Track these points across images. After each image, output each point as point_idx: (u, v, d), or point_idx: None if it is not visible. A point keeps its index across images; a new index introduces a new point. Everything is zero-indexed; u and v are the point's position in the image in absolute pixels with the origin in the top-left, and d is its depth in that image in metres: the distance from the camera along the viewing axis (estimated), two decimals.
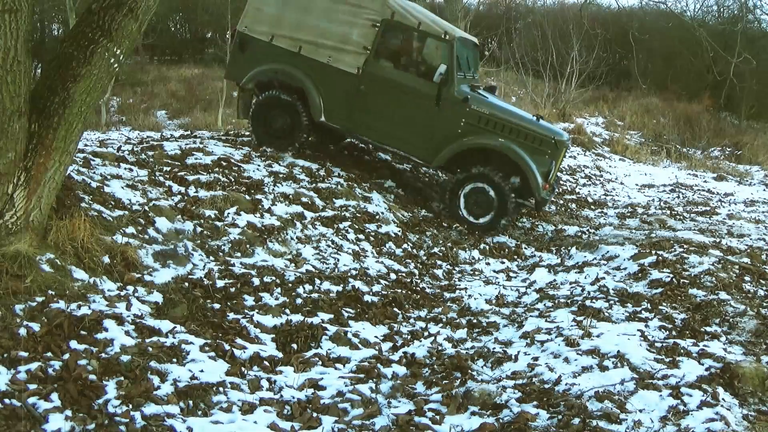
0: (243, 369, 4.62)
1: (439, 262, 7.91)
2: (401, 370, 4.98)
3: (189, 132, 11.88)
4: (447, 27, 9.35)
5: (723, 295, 6.45)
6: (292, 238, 6.99)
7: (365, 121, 9.38)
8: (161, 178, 7.12)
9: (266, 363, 4.80)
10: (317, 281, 6.15)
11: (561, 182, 14.38)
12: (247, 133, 11.94)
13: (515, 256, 8.67)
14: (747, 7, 32.29)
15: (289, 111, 9.50)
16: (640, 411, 4.22)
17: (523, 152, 9.00)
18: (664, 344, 5.25)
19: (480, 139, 9.13)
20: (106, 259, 5.22)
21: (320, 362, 4.96)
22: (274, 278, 5.98)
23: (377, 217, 8.36)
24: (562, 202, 12.56)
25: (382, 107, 9.29)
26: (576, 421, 4.06)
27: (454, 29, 9.43)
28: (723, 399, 4.37)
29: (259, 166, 8.36)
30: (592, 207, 12.70)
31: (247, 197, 7.33)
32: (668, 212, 12.17)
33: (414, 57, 9.68)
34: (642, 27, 32.51)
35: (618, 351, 5.03)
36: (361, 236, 7.72)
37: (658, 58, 29.64)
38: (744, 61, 14.60)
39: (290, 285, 5.96)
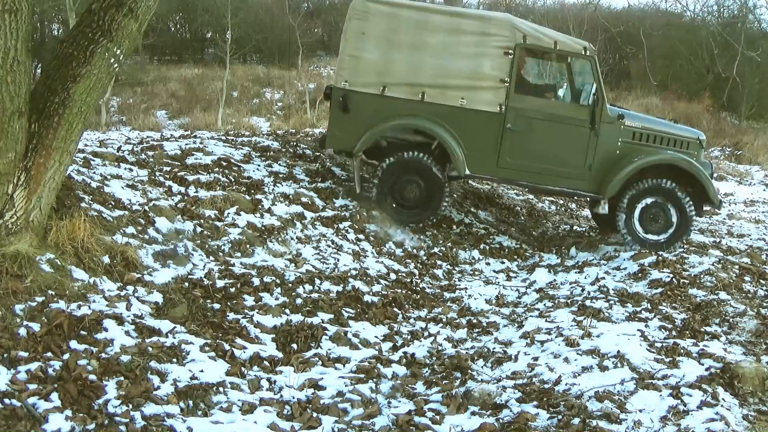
0: (243, 369, 4.62)
1: (439, 262, 7.92)
2: (401, 370, 4.99)
3: (189, 132, 11.91)
4: (583, 42, 8.54)
5: (723, 295, 6.48)
6: (292, 238, 6.99)
7: (517, 164, 8.42)
8: (161, 178, 7.12)
9: (266, 363, 4.80)
10: (317, 281, 6.15)
11: None
12: (247, 133, 11.97)
13: (515, 256, 8.67)
14: (747, 6, 32.33)
15: (422, 172, 8.42)
16: (640, 411, 4.21)
17: (691, 159, 8.34)
18: (664, 344, 5.26)
19: (649, 157, 8.32)
20: (106, 259, 5.22)
21: (320, 362, 4.95)
22: (274, 278, 5.98)
23: (378, 216, 8.36)
24: (562, 202, 12.58)
25: (535, 144, 8.37)
26: (576, 421, 4.06)
27: (586, 43, 8.54)
28: (723, 399, 4.37)
29: (259, 166, 8.37)
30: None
31: (247, 197, 7.34)
32: None
33: (557, 81, 8.99)
34: (642, 27, 32.55)
35: (618, 351, 5.02)
36: (361, 236, 7.74)
37: (658, 58, 29.66)
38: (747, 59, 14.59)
39: (290, 285, 5.96)
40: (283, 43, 28.12)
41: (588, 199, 8.91)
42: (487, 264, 8.29)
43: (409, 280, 7.03)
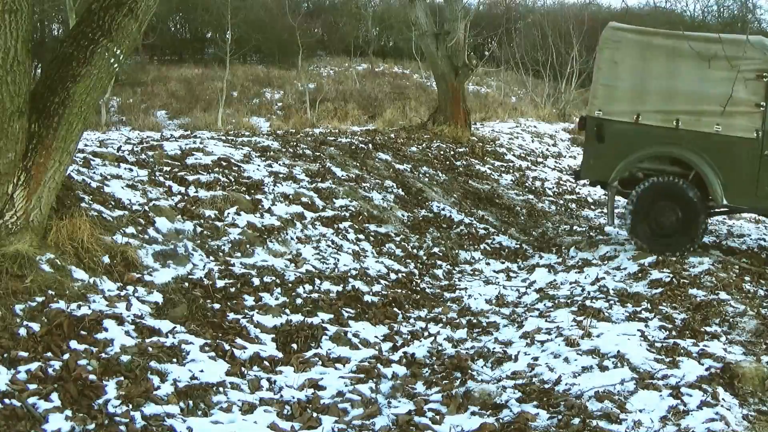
0: (243, 369, 4.63)
1: (439, 263, 7.93)
2: (401, 370, 5.00)
3: (189, 132, 11.88)
4: None
5: (723, 295, 6.46)
6: (292, 238, 7.00)
7: None
8: (161, 178, 7.12)
9: (266, 363, 4.82)
10: (317, 281, 6.17)
11: (561, 182, 14.41)
12: (247, 133, 11.96)
13: (515, 256, 8.67)
14: (747, 7, 32.34)
15: (679, 200, 7.99)
16: (640, 411, 4.23)
17: None
18: (664, 344, 5.26)
19: None
20: (106, 259, 5.22)
21: (320, 362, 4.97)
22: (274, 278, 5.99)
23: (377, 217, 8.35)
24: (562, 202, 12.59)
25: None
26: (576, 421, 4.07)
27: None
28: (723, 399, 4.38)
29: (259, 166, 8.36)
30: (593, 207, 12.69)
31: (247, 197, 7.34)
32: None
33: None
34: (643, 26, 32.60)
35: (618, 351, 5.02)
36: (361, 236, 7.74)
37: None
38: None
39: (290, 285, 5.98)
40: (283, 43, 28.14)
41: None
42: (488, 264, 8.29)
43: (409, 280, 7.04)
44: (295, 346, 5.14)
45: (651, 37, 8.30)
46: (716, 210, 8.24)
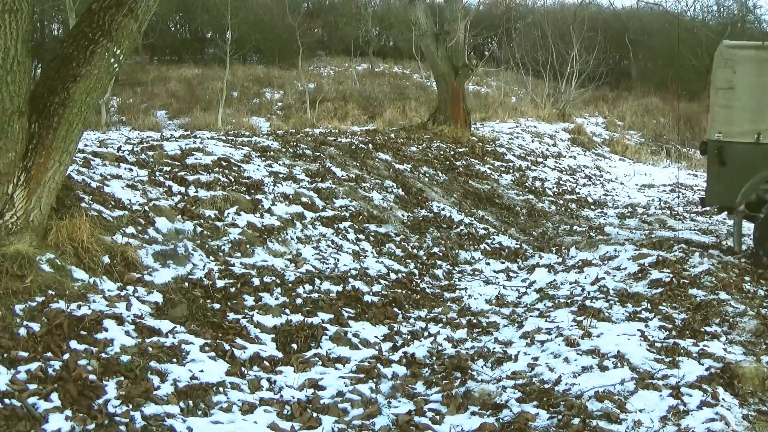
0: (243, 369, 4.64)
1: (439, 262, 7.94)
2: (401, 370, 5.01)
3: (189, 132, 11.89)
4: None
5: (723, 295, 6.47)
6: (292, 238, 7.01)
7: None
8: (161, 178, 7.12)
9: (266, 363, 4.83)
10: (317, 281, 6.18)
11: (561, 182, 14.45)
12: (247, 133, 11.97)
13: (515, 256, 8.68)
14: (747, 7, 32.36)
15: None
16: (640, 411, 4.23)
17: None
18: (664, 344, 5.26)
19: None
20: (106, 259, 5.22)
21: (320, 362, 4.98)
22: (274, 278, 6.00)
23: (377, 217, 8.36)
24: (562, 202, 12.63)
25: None
26: (576, 421, 4.07)
27: None
28: (723, 399, 4.38)
29: (259, 166, 8.37)
30: (592, 207, 12.75)
31: (247, 197, 7.35)
32: (668, 212, 12.23)
33: None
34: (642, 27, 32.61)
35: (618, 351, 5.03)
36: (361, 236, 7.76)
37: (658, 58, 29.70)
38: None
39: (290, 285, 5.99)
40: (283, 43, 28.14)
41: None
42: (488, 264, 8.30)
43: (409, 280, 7.05)
44: (295, 346, 5.16)
45: (766, 51, 8.00)
46: None
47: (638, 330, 5.57)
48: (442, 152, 12.74)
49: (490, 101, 23.85)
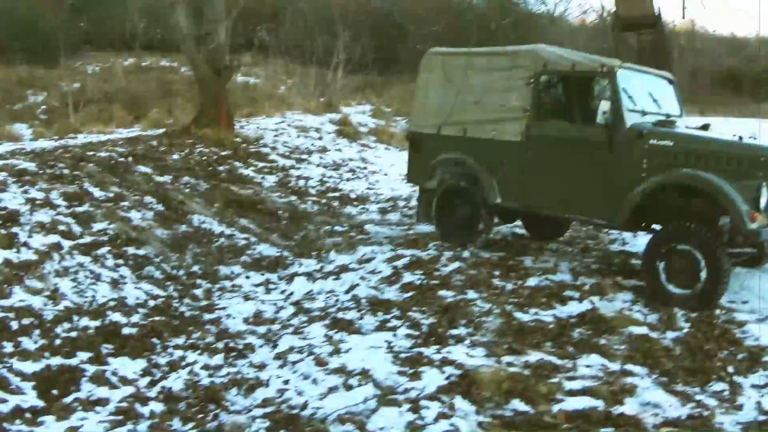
0: (5, 424, 4.67)
1: (198, 281, 8.08)
2: (159, 407, 5.17)
3: None
4: (606, 60, 8.15)
5: (471, 294, 6.90)
6: (50, 272, 6.98)
7: (540, 192, 8.33)
8: None
9: (27, 415, 4.87)
10: (75, 318, 6.25)
11: (324, 179, 14.67)
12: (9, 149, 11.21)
13: (275, 266, 8.89)
14: None
15: (469, 199, 8.93)
16: (381, 430, 4.50)
17: (717, 178, 6.98)
18: (409, 354, 5.64)
19: (657, 178, 7.34)
20: None
21: (81, 407, 5.08)
22: (32, 319, 6.01)
23: (136, 239, 8.40)
24: (325, 201, 12.90)
25: (554, 171, 8.18)
26: None
27: (615, 61, 8.12)
28: (459, 408, 4.72)
29: (15, 194, 8.15)
30: (355, 203, 13.08)
31: (3, 231, 7.22)
32: None
33: (577, 104, 8.77)
34: (412, 10, 33.59)
35: (363, 368, 5.35)
36: (120, 261, 7.79)
37: (428, 41, 30.98)
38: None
39: (48, 325, 6.02)
40: (47, 41, 26.27)
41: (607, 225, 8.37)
42: (247, 278, 8.48)
43: (167, 305, 7.21)
44: (56, 391, 5.23)
45: (451, 56, 9.48)
46: (504, 208, 8.90)
47: (386, 341, 5.94)
48: (204, 158, 12.84)
49: (259, 93, 23.77)
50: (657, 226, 7.75)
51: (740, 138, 7.54)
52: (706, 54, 41.75)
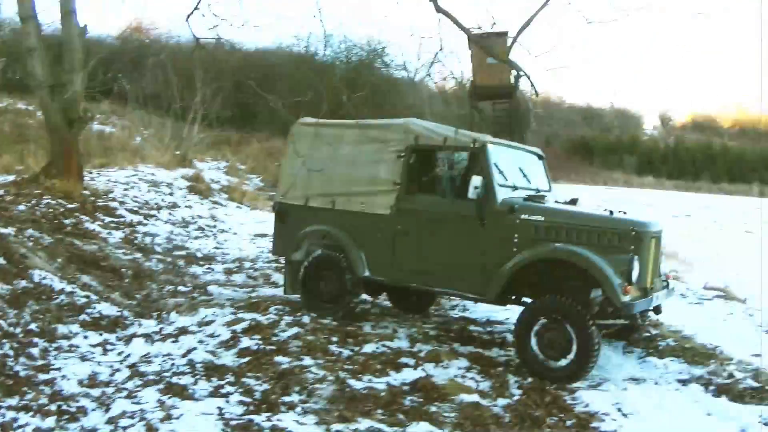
0: None
1: (35, 340, 7.88)
2: None
3: None
4: (477, 136, 8.28)
5: (307, 361, 7.02)
6: None
7: (409, 266, 8.37)
8: None
9: None
10: None
11: (172, 236, 14.70)
12: None
13: (114, 326, 8.79)
14: (376, 52, 35.91)
15: (336, 271, 8.88)
16: None
17: (589, 252, 7.22)
18: (240, 421, 5.66)
19: (528, 253, 7.54)
20: None
21: None
22: None
23: None
24: (170, 259, 12.86)
25: (425, 245, 8.26)
26: None
27: (486, 137, 8.32)
28: None
29: None
30: (201, 263, 13.08)
31: None
32: (274, 266, 12.85)
33: (447, 179, 8.61)
34: (274, 70, 34.06)
35: None
36: None
37: (286, 99, 31.44)
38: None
39: None
40: None
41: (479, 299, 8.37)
42: (85, 338, 8.35)
43: (2, 363, 7.04)
44: None
45: (321, 127, 9.51)
46: (372, 281, 8.95)
47: (218, 407, 5.94)
48: (51, 210, 12.57)
49: (114, 143, 23.32)
50: (528, 300, 7.96)
51: (611, 212, 7.80)
52: (562, 122, 44.18)
